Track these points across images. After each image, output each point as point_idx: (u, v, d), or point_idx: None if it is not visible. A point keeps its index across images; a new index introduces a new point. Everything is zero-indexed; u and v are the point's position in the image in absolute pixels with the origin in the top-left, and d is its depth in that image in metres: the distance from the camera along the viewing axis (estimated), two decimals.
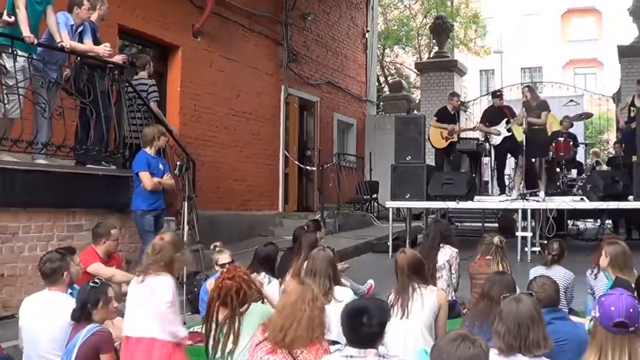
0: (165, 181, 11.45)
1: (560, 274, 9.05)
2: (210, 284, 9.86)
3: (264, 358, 5.99)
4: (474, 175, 18.08)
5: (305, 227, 11.80)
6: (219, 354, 6.93)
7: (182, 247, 7.75)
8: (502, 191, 17.78)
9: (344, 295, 7.38)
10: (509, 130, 16.78)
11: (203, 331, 9.11)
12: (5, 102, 10.30)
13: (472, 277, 9.88)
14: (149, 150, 11.38)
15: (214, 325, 7.00)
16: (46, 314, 7.24)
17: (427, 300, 7.50)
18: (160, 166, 11.52)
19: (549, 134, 16.95)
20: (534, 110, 15.93)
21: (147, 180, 11.15)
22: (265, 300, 8.15)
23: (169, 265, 7.23)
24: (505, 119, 16.84)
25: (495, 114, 17.46)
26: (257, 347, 6.11)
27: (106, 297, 6.89)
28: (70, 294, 7.48)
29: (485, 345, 4.17)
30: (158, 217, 11.58)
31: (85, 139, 11.67)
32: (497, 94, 18.12)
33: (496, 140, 17.43)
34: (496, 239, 9.88)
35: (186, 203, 11.71)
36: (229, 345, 6.85)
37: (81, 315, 6.66)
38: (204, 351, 7.43)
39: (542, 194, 15.72)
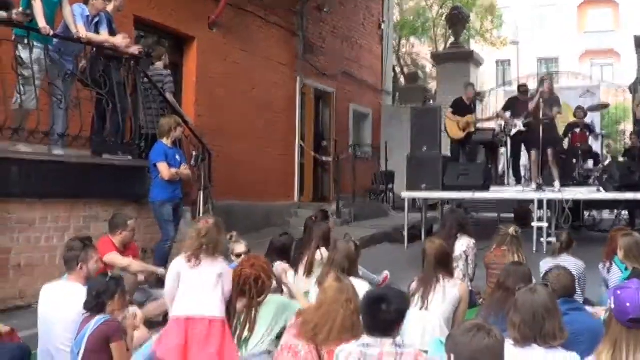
0: (183, 171, 11.47)
1: (570, 263, 9.02)
2: None
3: (290, 341, 6.16)
4: (490, 166, 18.07)
5: (314, 218, 11.81)
6: (235, 341, 6.98)
7: (222, 230, 7.91)
8: (518, 182, 17.76)
9: (359, 287, 7.37)
10: (525, 125, 16.71)
11: None
12: (22, 93, 10.34)
13: (487, 267, 9.88)
14: (166, 141, 11.39)
15: (232, 314, 7.06)
16: (62, 304, 7.28)
17: (448, 293, 7.51)
18: (177, 157, 11.53)
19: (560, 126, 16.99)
20: (549, 102, 15.91)
21: (165, 170, 11.17)
22: (284, 291, 8.19)
23: (216, 248, 7.49)
24: (525, 114, 16.76)
25: (517, 106, 17.41)
26: (287, 329, 6.33)
27: (123, 291, 6.94)
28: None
29: (500, 336, 4.17)
30: (177, 207, 11.60)
31: (102, 130, 11.71)
32: (522, 89, 18.13)
33: (513, 130, 17.38)
34: (512, 230, 9.87)
35: (202, 193, 11.74)
36: (245, 333, 6.90)
37: (96, 306, 6.68)
38: None
39: (557, 184, 15.67)
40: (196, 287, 7.28)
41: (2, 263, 9.79)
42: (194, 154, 12.23)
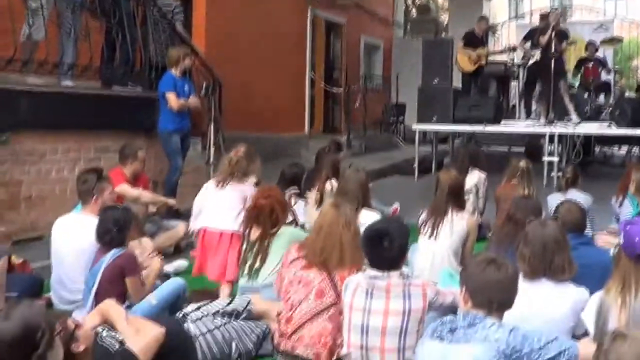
0: (191, 102, 11.44)
1: (578, 198, 9.00)
2: None
3: (298, 273, 6.10)
4: (501, 99, 17.97)
5: (326, 149, 11.79)
6: (246, 271, 7.02)
7: (255, 158, 8.82)
8: (529, 115, 17.67)
9: (369, 219, 7.36)
10: (543, 57, 16.54)
11: None
12: (30, 24, 10.27)
13: (498, 201, 9.86)
14: (175, 72, 11.34)
15: (245, 244, 7.10)
16: (75, 236, 7.32)
17: (456, 226, 7.52)
18: (186, 87, 11.49)
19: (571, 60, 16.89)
20: (558, 36, 15.82)
21: (173, 100, 11.14)
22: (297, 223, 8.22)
23: (245, 175, 8.52)
24: (542, 46, 16.57)
25: (538, 37, 17.20)
26: (292, 263, 6.21)
27: (136, 221, 7.00)
28: None
29: (512, 271, 4.18)
30: (184, 138, 11.59)
31: (111, 61, 11.65)
32: (543, 17, 17.94)
33: (531, 61, 17.24)
34: (522, 163, 9.84)
35: (212, 124, 11.71)
36: (257, 264, 6.94)
37: (112, 239, 6.71)
38: None
39: (574, 116, 15.61)
40: (216, 204, 8.23)
41: (13, 195, 9.82)
42: (204, 84, 12.17)
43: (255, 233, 7.12)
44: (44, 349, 3.52)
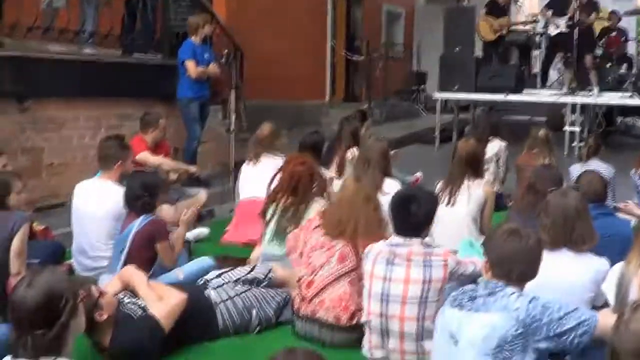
0: (211, 70, 11.43)
1: (600, 168, 8.95)
2: None
3: (321, 239, 6.16)
4: (523, 68, 17.86)
5: (349, 117, 11.77)
6: (272, 235, 7.11)
7: (280, 135, 9.55)
8: (550, 85, 17.54)
9: (392, 187, 7.37)
10: (568, 26, 16.41)
11: None
12: None
13: (519, 170, 9.84)
14: (195, 39, 11.33)
15: (278, 209, 7.13)
16: (97, 202, 7.36)
17: (473, 193, 7.53)
18: (206, 55, 11.49)
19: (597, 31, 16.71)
20: (585, 7, 15.68)
21: (192, 68, 11.13)
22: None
23: (273, 150, 9.33)
24: (568, 16, 16.43)
25: (561, 4, 17.05)
26: (315, 229, 6.26)
27: (164, 187, 7.05)
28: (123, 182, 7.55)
29: (534, 242, 4.16)
30: (203, 106, 11.59)
31: (132, 29, 11.65)
32: None
33: (554, 30, 17.08)
34: (542, 133, 9.81)
35: (233, 92, 11.69)
36: (289, 228, 6.99)
37: (145, 204, 6.75)
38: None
39: (595, 89, 15.48)
40: (250, 178, 8.99)
41: (35, 163, 9.86)
42: (225, 52, 12.15)
43: (287, 199, 7.18)
44: (67, 317, 3.54)
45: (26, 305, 3.48)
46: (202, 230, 9.16)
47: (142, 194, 6.77)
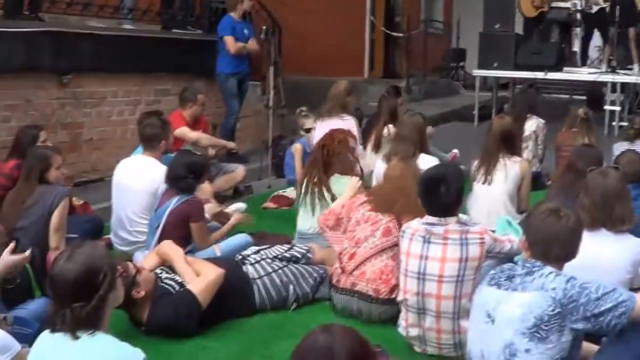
0: (250, 46, 11.44)
1: None
2: (295, 148, 9.96)
3: (367, 213, 6.19)
4: (563, 45, 17.67)
5: (386, 93, 11.74)
6: (309, 208, 7.15)
7: (353, 92, 9.79)
8: (586, 63, 17.33)
9: (428, 164, 7.33)
10: (608, 1, 16.19)
11: (288, 195, 9.35)
12: None
13: (558, 149, 9.76)
14: (234, 14, 11.34)
15: (310, 185, 7.16)
16: (137, 178, 7.40)
17: (510, 171, 7.48)
18: (245, 31, 11.50)
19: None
20: None
21: (231, 44, 11.15)
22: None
23: (344, 107, 9.69)
24: None
25: None
26: (361, 205, 6.29)
27: (208, 169, 7.08)
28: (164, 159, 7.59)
29: (573, 223, 4.12)
30: (242, 82, 11.61)
31: (171, 4, 11.67)
32: None
33: (594, 7, 16.88)
34: (582, 111, 9.71)
35: (272, 68, 11.70)
36: (319, 205, 7.04)
37: (189, 184, 6.78)
38: (287, 215, 7.63)
39: (636, 67, 15.30)
40: (317, 136, 8.67)
41: (74, 137, 9.95)
42: (264, 28, 12.15)
43: (320, 175, 7.21)
44: (106, 290, 3.57)
45: (65, 278, 3.51)
46: (240, 206, 9.18)
47: (187, 175, 6.80)
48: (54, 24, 9.67)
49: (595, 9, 16.50)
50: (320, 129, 9.10)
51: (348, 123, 9.22)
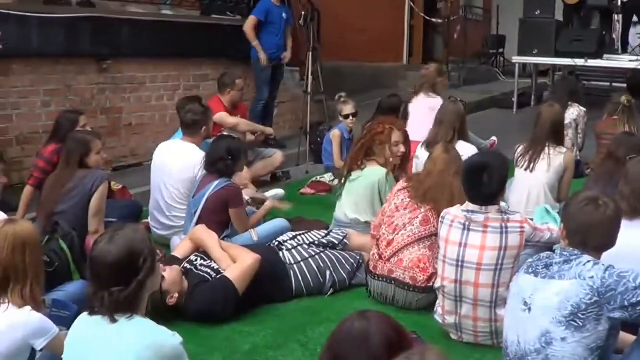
0: (260, 52, 11.36)
1: None
2: (333, 134, 9.95)
3: (406, 200, 6.20)
4: (604, 32, 17.50)
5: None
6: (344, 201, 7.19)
7: (444, 73, 9.97)
8: (627, 50, 17.16)
9: (466, 151, 7.30)
10: None
11: (326, 181, 9.36)
12: None
13: (598, 137, 9.67)
14: None
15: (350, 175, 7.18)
16: (176, 163, 7.43)
17: (554, 161, 7.42)
18: (284, 14, 11.48)
19: None
20: None
21: (249, 23, 11.15)
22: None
23: (433, 88, 10.05)
24: None
25: None
26: (400, 191, 6.30)
27: (246, 152, 7.11)
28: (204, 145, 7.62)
29: (612, 212, 4.08)
30: (277, 67, 11.58)
31: None
32: None
33: None
34: (624, 99, 9.61)
35: (310, 54, 11.68)
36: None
37: (226, 168, 6.81)
38: (325, 201, 7.64)
39: None
40: (419, 119, 9.16)
41: (114, 122, 10.01)
42: (303, 13, 12.13)
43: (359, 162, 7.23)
44: (145, 275, 3.59)
45: (106, 261, 3.53)
46: (278, 192, 9.20)
47: (226, 157, 6.82)
48: (94, 10, 9.72)
49: None
50: (413, 110, 9.66)
51: (436, 102, 9.43)
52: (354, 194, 7.20)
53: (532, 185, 7.40)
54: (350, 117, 10.00)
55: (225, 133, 8.78)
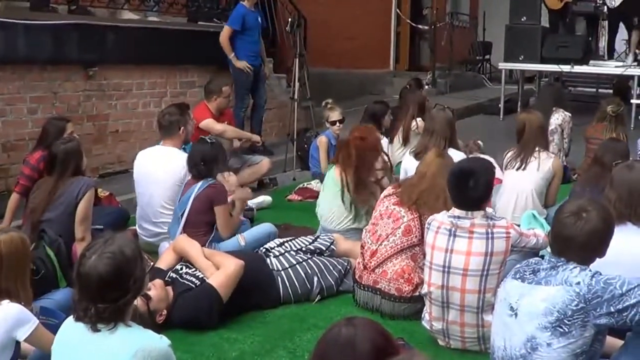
0: (234, 62, 11.31)
1: None
2: (320, 140, 9.95)
3: (391, 207, 6.17)
4: (590, 38, 17.56)
5: (408, 86, 11.74)
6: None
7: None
8: (612, 56, 17.22)
9: (456, 158, 7.29)
10: None
11: (313, 187, 9.36)
12: None
13: (587, 141, 9.70)
14: (246, 3, 11.27)
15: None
16: (159, 168, 7.42)
17: (543, 164, 7.47)
18: (259, 19, 11.46)
19: None
20: None
21: (225, 33, 11.10)
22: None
23: None
24: None
25: None
26: (386, 197, 6.30)
27: (224, 155, 7.10)
28: (184, 149, 7.61)
29: (593, 225, 4.03)
30: (256, 74, 11.52)
31: None
32: None
33: (616, 1, 16.76)
34: (609, 109, 9.63)
35: (297, 60, 11.68)
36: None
37: (203, 171, 6.80)
38: (312, 207, 7.65)
39: None
40: None
41: (100, 129, 10.00)
42: (289, 20, 12.14)
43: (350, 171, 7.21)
44: (134, 295, 3.59)
45: (94, 279, 3.47)
46: (265, 198, 9.21)
47: (198, 162, 6.84)
48: (80, 17, 9.71)
49: (618, 1, 16.35)
50: None
51: None
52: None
53: (520, 190, 7.43)
54: (337, 124, 9.99)
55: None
